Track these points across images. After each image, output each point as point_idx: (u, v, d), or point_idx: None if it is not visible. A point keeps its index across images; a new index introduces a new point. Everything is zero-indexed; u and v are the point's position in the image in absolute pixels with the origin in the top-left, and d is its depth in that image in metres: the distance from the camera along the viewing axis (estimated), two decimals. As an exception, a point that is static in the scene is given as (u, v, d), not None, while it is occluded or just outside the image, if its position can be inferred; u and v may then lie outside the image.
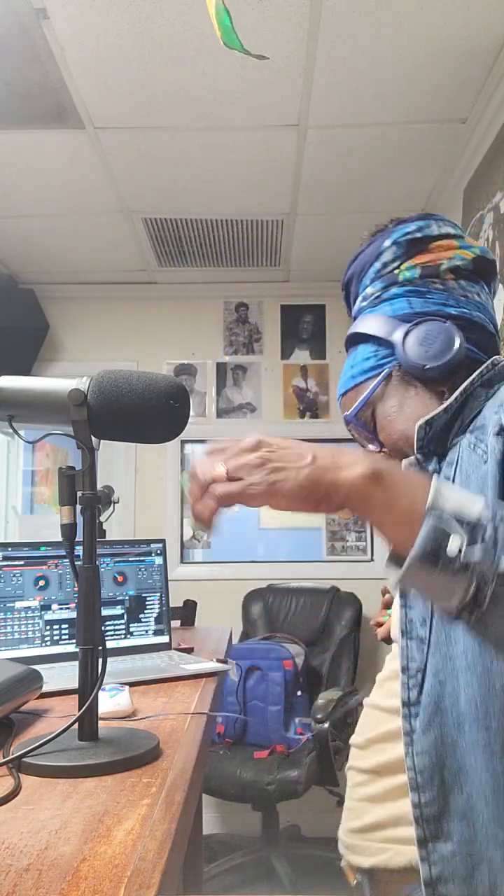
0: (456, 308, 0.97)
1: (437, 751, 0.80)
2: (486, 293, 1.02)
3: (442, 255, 0.99)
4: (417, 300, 0.98)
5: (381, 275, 1.01)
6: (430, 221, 1.02)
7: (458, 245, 1.00)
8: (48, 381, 0.98)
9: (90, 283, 3.67)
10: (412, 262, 0.99)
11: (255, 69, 2.03)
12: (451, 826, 0.79)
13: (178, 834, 0.70)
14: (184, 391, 0.97)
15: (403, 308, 0.98)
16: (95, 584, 0.93)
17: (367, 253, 1.03)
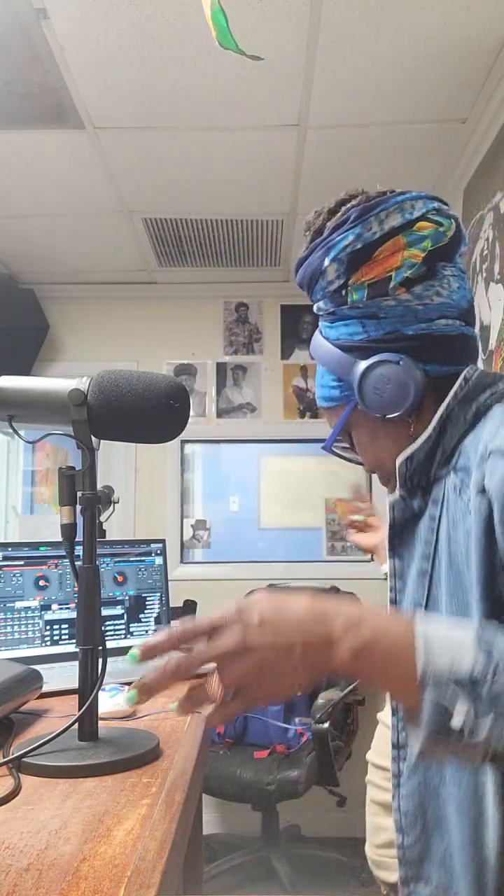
0: (414, 325, 0.90)
1: (420, 796, 0.81)
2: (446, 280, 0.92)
3: (389, 264, 0.90)
4: (371, 323, 0.92)
5: (328, 293, 0.94)
6: (369, 220, 0.90)
7: (405, 243, 0.90)
8: (48, 381, 0.98)
9: (90, 283, 3.67)
10: (357, 279, 0.91)
11: (255, 69, 2.03)
12: (431, 870, 0.80)
13: (178, 834, 0.70)
14: (184, 391, 0.97)
15: (358, 334, 0.93)
16: (95, 584, 0.93)
17: (310, 263, 0.95)
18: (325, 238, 0.93)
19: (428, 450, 0.88)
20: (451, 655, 0.62)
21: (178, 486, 3.65)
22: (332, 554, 3.61)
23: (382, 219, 0.90)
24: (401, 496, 0.91)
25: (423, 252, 0.89)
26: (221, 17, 1.22)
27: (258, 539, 3.67)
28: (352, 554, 3.59)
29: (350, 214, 0.91)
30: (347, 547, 3.60)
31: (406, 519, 0.90)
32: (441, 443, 0.88)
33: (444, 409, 0.88)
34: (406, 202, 0.91)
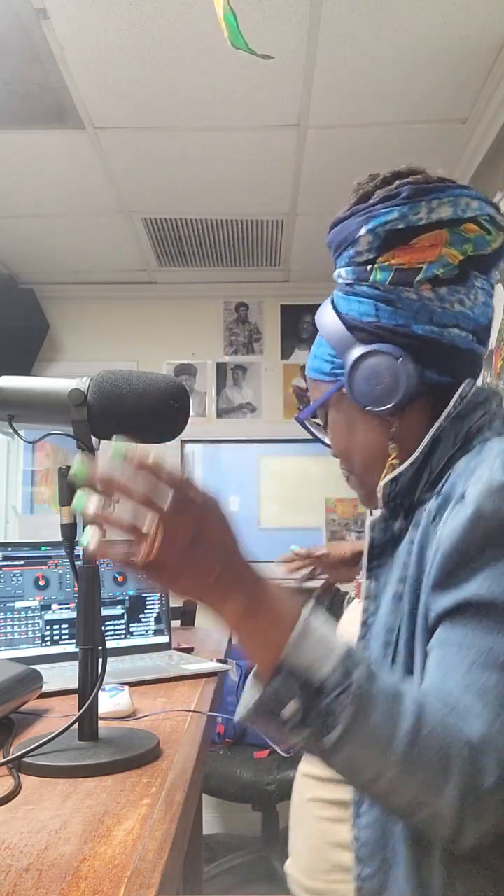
0: (426, 325, 0.86)
1: (382, 827, 0.77)
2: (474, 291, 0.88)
3: (423, 255, 0.85)
4: (385, 309, 0.87)
5: (353, 263, 0.89)
6: (419, 204, 0.84)
7: (447, 239, 0.85)
8: (48, 381, 0.98)
9: (90, 283, 3.67)
10: (388, 260, 0.86)
11: (255, 69, 2.03)
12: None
13: (178, 834, 0.70)
14: (184, 391, 0.97)
15: (369, 315, 0.88)
16: (95, 584, 0.93)
17: (345, 227, 0.90)
18: (369, 205, 0.88)
19: (414, 472, 0.85)
20: (315, 658, 0.64)
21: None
22: (332, 554, 3.61)
23: (433, 206, 0.85)
24: (382, 517, 0.87)
25: (462, 255, 0.86)
26: (232, 17, 1.23)
27: (258, 539, 3.67)
28: (352, 554, 3.59)
29: (402, 190, 0.86)
30: (347, 547, 3.60)
31: (385, 540, 0.87)
32: (429, 464, 0.85)
33: (436, 429, 0.84)
34: (462, 198, 0.86)
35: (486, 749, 0.62)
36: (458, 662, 0.68)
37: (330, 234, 0.93)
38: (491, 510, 0.71)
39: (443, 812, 0.62)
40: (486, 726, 0.63)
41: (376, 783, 0.64)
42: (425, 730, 0.63)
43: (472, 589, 0.70)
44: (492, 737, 0.63)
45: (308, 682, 0.63)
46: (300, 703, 0.63)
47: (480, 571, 0.70)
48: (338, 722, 0.62)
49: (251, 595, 0.67)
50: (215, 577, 0.66)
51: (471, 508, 0.72)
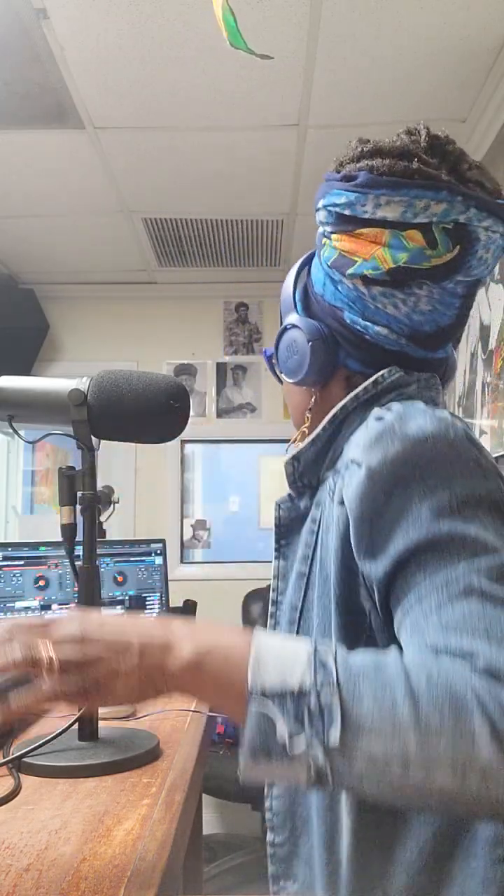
0: (356, 316, 0.83)
1: (289, 797, 0.81)
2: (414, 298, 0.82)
3: (360, 249, 0.81)
4: (330, 287, 0.86)
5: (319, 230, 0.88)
6: (368, 196, 0.79)
7: (387, 240, 0.79)
8: (48, 381, 0.98)
9: (90, 283, 3.67)
10: (336, 240, 0.84)
11: (255, 69, 2.03)
12: (298, 869, 0.81)
13: (178, 834, 0.70)
14: (184, 391, 0.97)
15: (319, 287, 0.88)
16: (95, 584, 0.93)
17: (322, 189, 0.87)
18: (333, 178, 0.84)
19: (317, 451, 0.84)
20: (281, 670, 0.58)
21: (178, 486, 3.65)
22: (332, 554, 3.61)
23: (381, 203, 0.79)
24: (288, 496, 0.87)
25: (394, 263, 0.79)
26: (231, 17, 1.22)
27: (258, 539, 3.67)
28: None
29: (358, 175, 0.80)
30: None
31: (292, 519, 0.87)
32: (333, 444, 0.83)
33: (339, 410, 0.82)
34: (419, 200, 0.78)
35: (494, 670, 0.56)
36: (425, 616, 0.63)
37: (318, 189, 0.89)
38: (377, 461, 0.69)
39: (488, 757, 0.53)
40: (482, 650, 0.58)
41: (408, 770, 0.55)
42: (421, 684, 0.56)
43: (399, 544, 0.66)
44: (493, 657, 0.57)
45: (285, 693, 0.57)
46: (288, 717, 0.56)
47: (398, 523, 0.67)
48: (333, 717, 0.55)
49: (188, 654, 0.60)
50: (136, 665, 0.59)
51: (362, 469, 0.70)
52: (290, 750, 0.55)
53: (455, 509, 0.65)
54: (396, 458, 0.68)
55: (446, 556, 0.64)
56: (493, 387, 2.18)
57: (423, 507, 0.66)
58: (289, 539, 0.87)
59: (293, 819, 0.81)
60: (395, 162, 0.79)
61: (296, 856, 0.81)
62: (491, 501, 0.67)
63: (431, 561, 0.64)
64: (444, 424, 0.70)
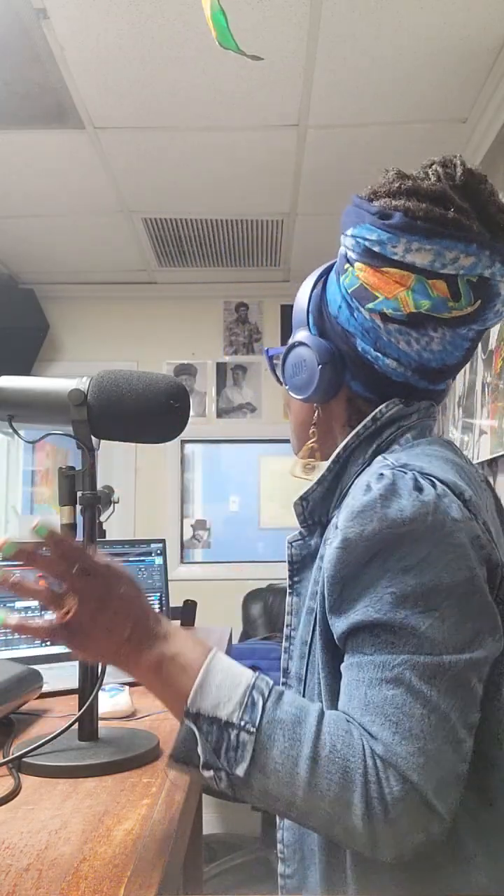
0: (368, 346, 0.84)
1: (299, 829, 0.82)
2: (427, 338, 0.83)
3: (384, 287, 0.81)
4: (346, 312, 0.86)
5: (344, 251, 0.87)
6: (401, 239, 0.79)
7: (412, 285, 0.80)
8: (48, 381, 0.98)
9: (90, 283, 3.67)
10: (360, 270, 0.83)
11: (255, 69, 2.03)
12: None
13: (178, 834, 0.70)
14: (184, 391, 0.97)
15: (334, 308, 0.88)
16: (95, 584, 0.93)
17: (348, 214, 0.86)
18: (365, 209, 0.82)
19: (324, 491, 0.85)
20: (219, 699, 0.68)
21: (178, 486, 3.65)
22: (332, 554, 3.61)
23: (412, 248, 0.79)
24: (299, 533, 0.89)
25: (416, 309, 0.80)
26: (221, 17, 1.22)
27: (258, 539, 3.67)
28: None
29: (394, 216, 0.79)
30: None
31: (303, 556, 0.88)
32: (340, 483, 0.85)
33: (342, 449, 0.84)
34: (450, 251, 0.78)
35: (388, 760, 0.64)
36: (357, 684, 0.69)
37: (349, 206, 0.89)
38: (354, 535, 0.71)
39: (355, 826, 0.64)
40: (386, 739, 0.65)
41: (290, 809, 0.66)
42: (324, 751, 0.65)
43: (358, 614, 0.71)
44: (392, 748, 0.65)
45: (213, 721, 0.67)
46: (210, 743, 0.66)
47: (361, 596, 0.71)
48: (244, 756, 0.65)
49: (159, 652, 0.70)
50: (125, 638, 0.69)
51: (339, 536, 0.72)
52: (203, 767, 0.66)
53: (416, 599, 0.69)
54: (371, 536, 0.71)
55: (393, 642, 0.69)
56: (493, 387, 2.18)
57: (387, 590, 0.70)
58: (301, 576, 0.89)
59: (302, 850, 0.82)
60: (432, 208, 0.79)
61: (305, 887, 0.82)
62: (459, 592, 0.70)
63: (380, 639, 0.70)
64: (426, 508, 0.71)
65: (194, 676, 0.68)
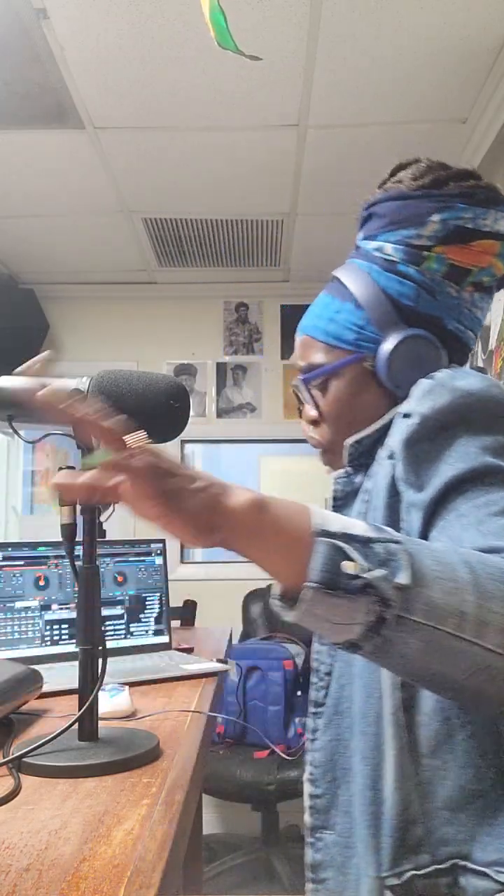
0: (455, 322, 0.92)
1: (332, 749, 0.88)
2: (489, 303, 0.96)
3: (476, 259, 0.90)
4: (425, 297, 0.91)
5: (409, 244, 0.91)
6: (490, 211, 0.90)
7: (499, 251, 0.91)
8: (48, 381, 0.98)
9: (90, 283, 3.67)
10: (446, 252, 0.90)
11: (255, 69, 2.03)
12: (336, 818, 0.87)
13: (178, 834, 0.70)
14: (184, 391, 0.97)
15: (409, 297, 0.91)
16: (95, 584, 0.93)
17: (410, 205, 0.92)
18: (445, 194, 0.91)
19: (376, 437, 0.92)
20: (345, 524, 0.60)
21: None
22: (332, 554, 3.61)
23: (498, 218, 0.90)
24: (345, 472, 0.94)
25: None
26: (220, 17, 1.22)
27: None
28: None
29: (479, 192, 0.91)
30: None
31: (347, 493, 0.93)
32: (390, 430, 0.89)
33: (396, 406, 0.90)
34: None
35: None
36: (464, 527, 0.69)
37: (384, 205, 0.94)
38: (428, 409, 0.77)
39: None
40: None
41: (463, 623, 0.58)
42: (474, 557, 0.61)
43: (446, 474, 0.73)
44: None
45: (351, 538, 0.59)
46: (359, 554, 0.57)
47: (443, 459, 0.74)
48: (401, 563, 0.57)
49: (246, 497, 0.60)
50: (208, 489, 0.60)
51: (415, 417, 0.77)
52: (360, 578, 0.56)
53: (497, 450, 0.73)
54: (445, 407, 0.76)
55: (487, 485, 0.71)
56: (493, 387, 2.17)
57: (468, 446, 0.74)
58: (343, 511, 0.92)
59: (334, 770, 0.87)
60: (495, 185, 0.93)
61: (334, 806, 0.86)
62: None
63: (473, 489, 0.71)
64: (489, 383, 0.78)
65: (304, 509, 0.60)
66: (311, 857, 0.88)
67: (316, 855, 0.88)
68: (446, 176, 0.93)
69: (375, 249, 0.95)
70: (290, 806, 2.84)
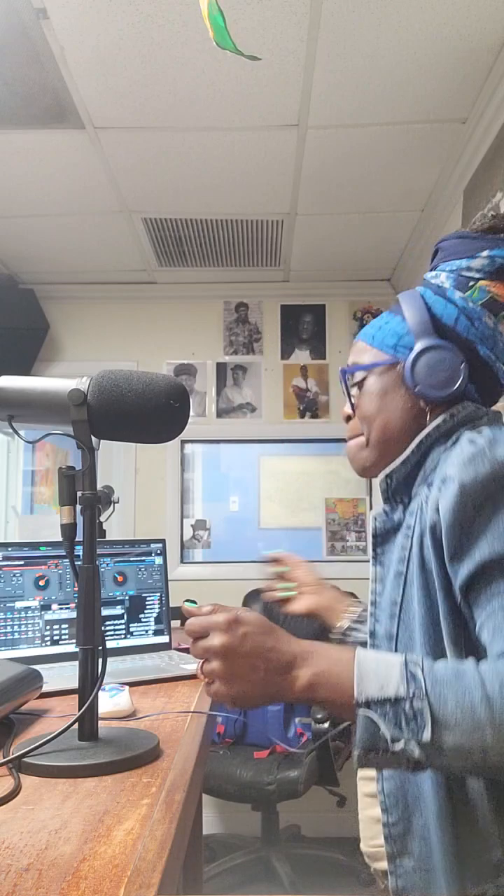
0: (488, 351, 1.00)
1: (400, 776, 0.90)
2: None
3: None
4: (465, 322, 1.00)
5: (459, 274, 1.02)
6: None
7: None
8: (48, 381, 0.98)
9: (90, 283, 3.67)
10: (490, 285, 1.00)
11: (255, 69, 2.03)
12: (413, 844, 0.89)
13: (178, 834, 0.70)
14: (184, 391, 0.97)
15: (449, 320, 1.01)
16: (95, 584, 0.93)
17: (468, 243, 1.03)
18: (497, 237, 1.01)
19: (407, 472, 0.98)
20: (380, 679, 0.74)
21: (178, 486, 3.65)
22: (332, 554, 3.61)
23: None
24: (383, 510, 1.01)
25: None
26: (219, 17, 1.22)
27: (258, 539, 3.67)
28: (352, 554, 3.60)
29: None
30: (347, 547, 3.60)
31: (387, 530, 0.99)
32: (423, 466, 0.97)
33: (424, 437, 0.97)
34: None
35: None
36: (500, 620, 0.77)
37: (450, 241, 1.06)
38: (470, 479, 0.82)
39: None
40: None
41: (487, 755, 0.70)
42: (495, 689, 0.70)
43: (484, 552, 0.79)
44: None
45: (385, 701, 0.73)
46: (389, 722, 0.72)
47: (483, 534, 0.80)
48: (425, 720, 0.71)
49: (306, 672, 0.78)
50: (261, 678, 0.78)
51: (455, 484, 0.83)
52: (392, 746, 0.72)
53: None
54: (486, 478, 0.81)
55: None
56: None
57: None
58: (384, 547, 0.99)
59: (405, 798, 0.89)
60: None
61: (409, 832, 0.89)
62: None
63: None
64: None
65: (350, 675, 0.75)
66: (394, 884, 0.91)
67: (399, 881, 0.90)
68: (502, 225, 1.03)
69: (433, 277, 1.06)
70: (290, 806, 2.84)
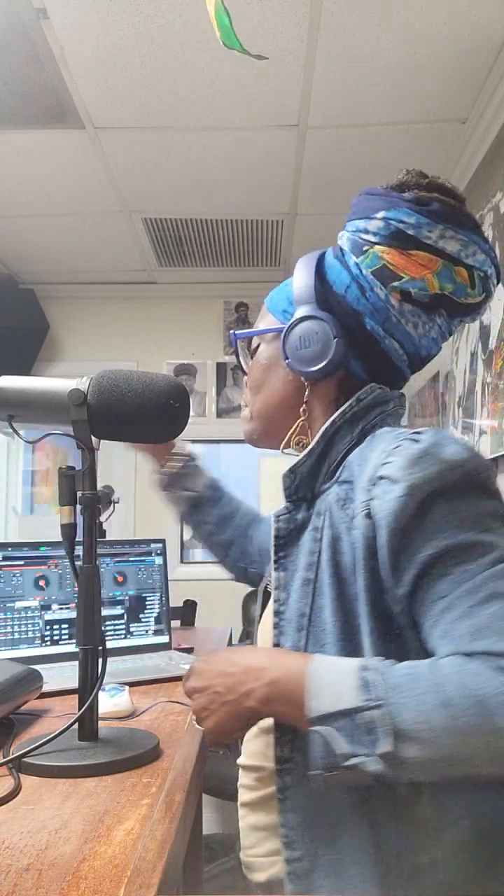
0: (377, 325, 0.89)
1: (310, 807, 0.79)
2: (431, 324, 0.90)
3: (411, 269, 0.87)
4: (355, 291, 0.89)
5: (357, 235, 0.91)
6: (438, 226, 0.86)
7: (438, 269, 0.86)
8: (48, 381, 0.98)
9: (90, 283, 3.67)
10: (384, 252, 0.87)
11: (255, 69, 2.03)
12: (321, 881, 0.78)
13: (178, 834, 0.70)
14: (184, 391, 0.97)
15: (340, 287, 0.91)
16: (95, 584, 0.93)
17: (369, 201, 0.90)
18: (398, 197, 0.88)
19: (312, 465, 0.89)
20: (334, 690, 0.70)
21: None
22: (332, 554, 3.61)
23: (446, 235, 0.86)
24: (286, 508, 0.91)
25: (440, 291, 0.87)
26: (225, 17, 1.22)
27: (258, 539, 3.67)
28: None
29: (433, 204, 0.86)
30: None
31: (290, 530, 0.90)
32: (327, 458, 0.89)
33: (330, 425, 0.89)
34: (473, 245, 0.87)
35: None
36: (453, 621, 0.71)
37: (357, 198, 0.94)
38: (419, 479, 0.75)
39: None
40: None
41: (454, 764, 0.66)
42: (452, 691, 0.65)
43: (430, 549, 0.73)
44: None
45: (339, 714, 0.68)
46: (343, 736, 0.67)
47: (430, 533, 0.74)
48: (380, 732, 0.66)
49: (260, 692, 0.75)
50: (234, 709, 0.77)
51: (400, 485, 0.76)
52: (348, 762, 0.67)
53: (478, 522, 0.74)
54: (436, 477, 0.75)
55: (468, 560, 0.72)
56: (493, 387, 2.18)
57: (452, 520, 0.74)
58: (287, 551, 0.89)
59: (312, 829, 0.79)
60: (461, 205, 0.88)
61: (316, 869, 0.78)
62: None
63: (455, 565, 0.72)
64: (473, 452, 0.79)
65: (302, 687, 0.72)
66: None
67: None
68: (413, 183, 0.89)
69: (339, 237, 0.96)
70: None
